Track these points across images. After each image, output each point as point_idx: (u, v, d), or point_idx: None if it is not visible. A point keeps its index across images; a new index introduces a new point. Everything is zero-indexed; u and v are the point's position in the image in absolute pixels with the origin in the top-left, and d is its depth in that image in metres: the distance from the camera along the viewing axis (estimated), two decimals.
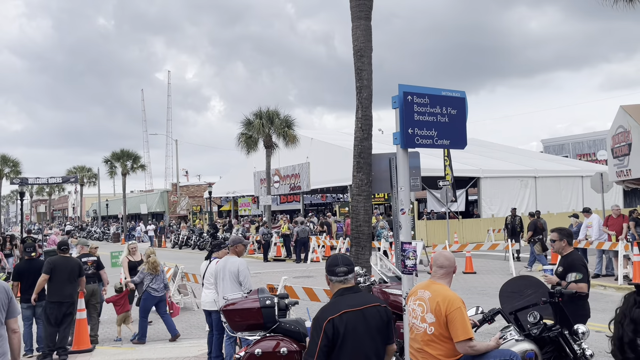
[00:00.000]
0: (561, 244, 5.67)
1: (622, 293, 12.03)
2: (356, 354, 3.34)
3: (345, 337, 3.31)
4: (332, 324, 3.32)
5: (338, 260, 3.60)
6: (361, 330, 3.36)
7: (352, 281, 3.56)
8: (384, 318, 3.47)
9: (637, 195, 35.58)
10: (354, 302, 3.44)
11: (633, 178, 13.60)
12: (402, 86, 5.12)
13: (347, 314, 3.35)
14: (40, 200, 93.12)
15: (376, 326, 3.43)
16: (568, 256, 5.66)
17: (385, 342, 3.51)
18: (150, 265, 9.34)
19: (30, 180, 40.98)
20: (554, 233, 5.75)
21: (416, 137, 5.14)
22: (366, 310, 3.42)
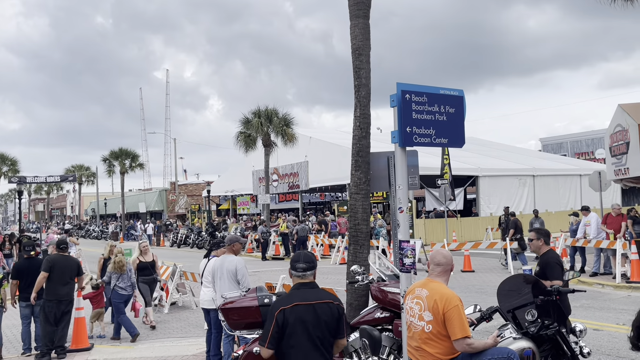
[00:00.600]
0: (538, 244, 5.72)
1: (620, 291, 12.07)
2: (303, 343, 3.66)
3: (294, 327, 3.66)
4: (283, 314, 3.68)
5: (300, 257, 3.94)
6: (310, 322, 3.68)
7: (311, 277, 3.89)
8: (334, 314, 3.76)
9: (635, 193, 35.64)
10: (307, 297, 3.77)
11: (631, 177, 13.62)
12: (400, 85, 5.12)
13: (299, 307, 3.70)
14: (39, 199, 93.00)
15: (325, 321, 3.72)
16: (544, 255, 5.69)
17: (334, 336, 3.79)
18: (116, 264, 9.41)
19: (28, 179, 40.85)
20: (532, 232, 5.82)
21: (414, 135, 5.14)
22: (317, 305, 3.74)
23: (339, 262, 19.43)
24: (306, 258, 3.93)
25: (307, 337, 3.67)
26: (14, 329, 10.50)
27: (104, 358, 8.17)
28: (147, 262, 10.34)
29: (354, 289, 6.62)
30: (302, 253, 4.01)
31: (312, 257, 4.01)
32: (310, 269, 3.89)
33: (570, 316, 5.26)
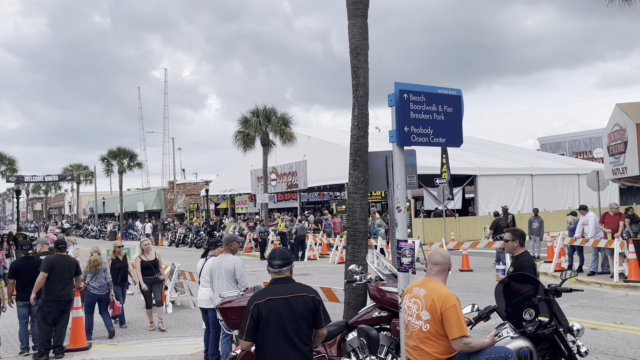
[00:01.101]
0: (513, 245, 5.71)
1: (617, 291, 12.09)
2: (278, 335, 3.87)
3: (269, 320, 3.88)
4: (257, 308, 3.90)
5: (276, 254, 4.13)
6: (285, 315, 3.88)
7: (287, 273, 4.07)
8: (309, 306, 3.95)
9: (633, 193, 35.70)
10: (281, 291, 3.97)
11: (629, 176, 13.64)
12: (398, 84, 5.12)
13: (272, 301, 3.91)
14: (37, 198, 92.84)
15: (300, 313, 3.92)
16: (519, 257, 5.69)
17: (310, 327, 3.99)
18: (91, 264, 9.45)
19: (26, 178, 40.80)
20: (508, 233, 5.84)
21: (412, 135, 5.15)
22: (292, 299, 3.93)
23: (337, 262, 19.44)
24: (281, 255, 4.12)
25: (281, 329, 3.88)
26: (11, 329, 10.49)
27: (102, 357, 8.17)
28: (149, 261, 10.03)
29: (352, 288, 6.63)
30: (277, 250, 4.21)
31: (288, 254, 4.19)
32: (286, 265, 4.07)
33: (567, 315, 5.27)
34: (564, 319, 4.90)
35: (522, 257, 5.72)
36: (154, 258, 10.17)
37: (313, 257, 21.80)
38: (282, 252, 4.17)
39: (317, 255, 22.03)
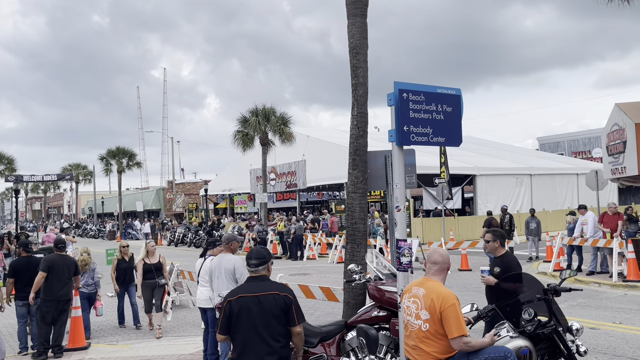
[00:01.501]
0: (494, 245, 5.78)
1: (617, 290, 12.10)
2: (249, 330, 4.08)
3: (240, 316, 4.09)
4: (229, 305, 4.14)
5: (252, 253, 4.32)
6: (255, 312, 4.07)
7: (263, 271, 4.26)
8: (280, 304, 4.11)
9: (632, 192, 35.73)
10: (253, 289, 4.17)
11: (628, 176, 13.63)
12: (398, 83, 5.12)
13: (243, 298, 4.13)
14: (36, 198, 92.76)
15: (270, 310, 4.09)
16: (504, 257, 5.77)
17: (283, 324, 4.13)
18: (80, 264, 9.37)
19: (25, 177, 40.76)
20: (488, 234, 5.88)
21: (411, 134, 5.14)
22: (262, 297, 4.11)
23: (336, 261, 19.44)
24: (257, 254, 4.31)
25: (251, 325, 4.07)
26: (10, 328, 10.48)
27: (101, 357, 8.16)
28: (151, 264, 9.64)
29: (351, 287, 6.62)
30: (254, 250, 4.39)
31: (264, 253, 4.38)
32: (262, 264, 4.26)
33: (566, 315, 5.28)
34: (563, 318, 4.90)
35: (507, 257, 5.79)
36: (157, 261, 9.82)
37: (312, 256, 21.81)
38: (259, 251, 4.35)
39: (316, 254, 22.03)
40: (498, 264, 5.83)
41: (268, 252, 4.47)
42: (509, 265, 5.78)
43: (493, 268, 5.82)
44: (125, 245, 10.59)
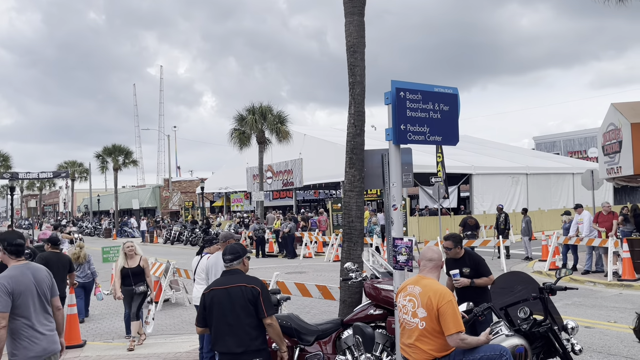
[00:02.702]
0: (456, 251, 6.00)
1: (612, 289, 12.15)
2: (220, 321, 4.32)
3: (212, 308, 4.35)
4: (204, 297, 4.43)
5: (227, 250, 4.53)
6: (225, 304, 4.31)
7: (237, 266, 4.47)
8: (247, 296, 4.30)
9: (627, 192, 35.88)
10: (224, 282, 4.40)
11: (623, 175, 13.67)
12: (395, 82, 5.12)
13: (215, 291, 4.39)
14: (31, 195, 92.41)
15: (238, 302, 4.29)
16: (470, 257, 6.00)
17: (254, 316, 4.31)
18: (72, 257, 9.77)
19: (20, 175, 40.60)
20: (448, 242, 6.05)
21: (408, 133, 5.15)
22: (230, 289, 4.33)
23: (332, 259, 19.44)
24: (231, 250, 4.53)
25: (221, 316, 4.30)
26: None
27: (97, 355, 8.15)
28: (128, 269, 8.56)
29: (347, 286, 6.63)
30: (229, 246, 4.60)
31: (238, 249, 4.57)
32: (236, 259, 4.48)
33: (562, 314, 5.30)
34: (558, 317, 4.93)
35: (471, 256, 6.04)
36: (136, 265, 8.60)
37: (308, 255, 21.81)
38: (232, 247, 4.57)
39: (312, 253, 22.03)
40: (465, 264, 5.94)
41: (242, 248, 4.64)
42: (478, 262, 5.92)
43: (462, 269, 5.91)
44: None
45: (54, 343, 4.44)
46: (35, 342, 4.29)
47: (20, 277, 4.31)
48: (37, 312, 4.36)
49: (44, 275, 4.49)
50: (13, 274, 4.32)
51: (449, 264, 6.11)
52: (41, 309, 4.39)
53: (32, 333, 4.29)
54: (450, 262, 6.13)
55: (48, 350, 4.37)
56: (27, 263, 4.48)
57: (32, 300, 4.33)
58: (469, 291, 5.82)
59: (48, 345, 4.37)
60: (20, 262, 4.43)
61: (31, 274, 4.38)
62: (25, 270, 4.39)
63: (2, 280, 4.23)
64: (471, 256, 6.07)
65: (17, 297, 4.23)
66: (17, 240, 4.44)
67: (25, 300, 4.28)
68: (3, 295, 4.16)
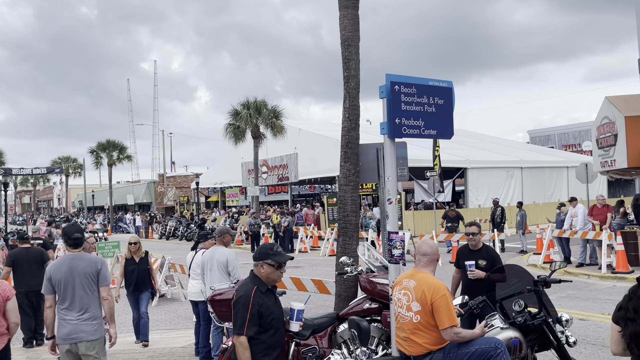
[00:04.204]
0: (479, 238, 6.04)
1: (606, 282, 12.22)
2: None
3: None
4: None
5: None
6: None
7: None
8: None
9: (621, 185, 36.06)
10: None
11: (617, 168, 13.72)
12: (390, 76, 5.10)
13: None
14: (25, 191, 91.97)
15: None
16: (487, 250, 6.03)
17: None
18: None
19: (14, 170, 40.35)
20: (473, 227, 6.05)
21: (403, 127, 5.13)
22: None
23: (328, 254, 19.47)
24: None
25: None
26: None
27: None
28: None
29: (343, 280, 6.64)
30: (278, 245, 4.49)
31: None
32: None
33: (556, 306, 5.33)
34: (552, 309, 4.95)
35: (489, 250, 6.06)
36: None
37: (304, 249, 21.83)
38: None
39: (308, 247, 22.06)
40: (482, 257, 5.91)
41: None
42: (495, 257, 5.89)
43: (477, 261, 5.88)
44: (134, 241, 8.53)
45: (81, 331, 4.62)
46: (64, 326, 4.64)
47: (61, 266, 4.72)
48: (72, 299, 4.65)
49: (86, 265, 4.74)
50: (57, 262, 4.85)
51: (465, 254, 6.08)
52: (77, 296, 4.65)
53: (60, 317, 4.67)
54: (466, 252, 6.09)
55: (72, 337, 4.60)
56: (78, 254, 4.82)
57: (68, 287, 4.65)
58: (483, 285, 5.68)
59: (71, 331, 4.61)
60: (75, 252, 4.82)
61: (73, 265, 4.71)
62: (69, 260, 4.75)
63: (47, 267, 4.86)
64: (489, 250, 6.03)
65: (55, 283, 4.68)
66: (75, 234, 4.83)
67: (60, 287, 4.66)
68: (45, 280, 4.72)
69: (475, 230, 6.00)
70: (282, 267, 4.09)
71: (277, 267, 4.04)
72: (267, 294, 4.02)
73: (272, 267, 4.02)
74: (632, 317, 2.86)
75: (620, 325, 2.92)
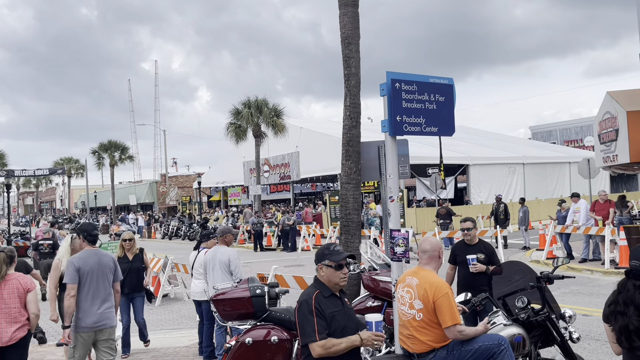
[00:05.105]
0: (475, 232, 6.11)
1: (609, 277, 12.20)
2: None
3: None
4: None
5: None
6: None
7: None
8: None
9: (624, 180, 35.98)
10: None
11: (619, 163, 13.68)
12: (390, 73, 5.09)
13: None
14: (28, 193, 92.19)
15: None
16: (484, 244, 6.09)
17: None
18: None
19: (16, 172, 40.39)
20: (467, 222, 6.14)
21: (404, 124, 5.12)
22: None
23: None
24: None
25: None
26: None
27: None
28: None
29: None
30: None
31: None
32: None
33: (559, 302, 5.33)
34: (556, 305, 4.94)
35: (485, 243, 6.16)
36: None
37: (307, 247, 21.83)
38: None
39: (310, 246, 22.06)
40: (480, 251, 5.96)
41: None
42: (492, 251, 5.96)
43: (477, 256, 5.93)
44: (129, 238, 7.86)
45: (106, 319, 5.22)
46: (88, 316, 5.11)
47: (87, 259, 5.19)
48: (96, 290, 5.17)
49: (108, 260, 5.34)
50: (83, 255, 5.24)
51: (462, 249, 6.11)
52: (101, 288, 5.20)
53: (87, 307, 5.12)
54: (463, 248, 6.12)
55: (99, 324, 5.16)
56: (97, 249, 5.36)
57: (94, 279, 5.15)
58: (483, 279, 5.74)
59: (99, 319, 5.16)
60: (93, 248, 5.33)
61: (98, 259, 5.26)
62: (94, 255, 5.27)
63: (73, 259, 5.20)
64: (485, 244, 6.13)
65: (82, 275, 5.11)
66: (94, 231, 5.37)
67: (87, 279, 5.13)
68: (72, 270, 5.09)
69: (469, 225, 6.08)
70: (343, 268, 3.62)
71: (336, 268, 3.61)
72: (332, 300, 3.64)
73: (331, 268, 3.63)
74: (622, 310, 2.85)
75: (611, 320, 2.92)
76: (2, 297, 4.82)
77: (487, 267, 5.84)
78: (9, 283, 4.89)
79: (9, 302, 4.83)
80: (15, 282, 4.90)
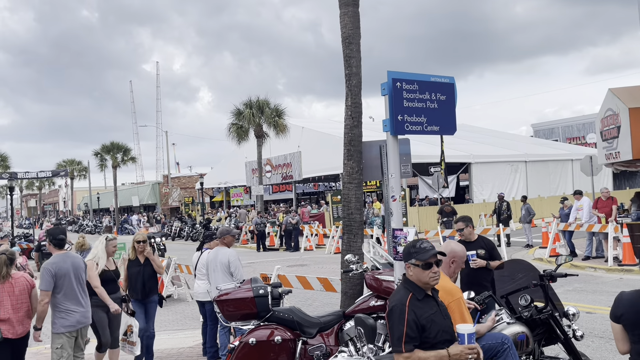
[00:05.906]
0: (469, 230, 6.10)
1: (612, 275, 12.19)
2: None
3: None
4: None
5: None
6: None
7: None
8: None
9: (627, 177, 35.90)
10: None
11: (622, 160, 13.65)
12: (391, 73, 5.10)
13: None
14: (31, 195, 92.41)
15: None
16: (484, 240, 6.11)
17: None
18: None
19: (19, 174, 40.50)
20: (459, 223, 6.13)
21: (406, 123, 5.13)
22: None
23: (333, 252, 19.47)
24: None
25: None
26: None
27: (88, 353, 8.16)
28: (111, 271, 6.70)
29: (348, 277, 6.64)
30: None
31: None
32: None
33: (563, 300, 5.32)
34: (559, 303, 4.94)
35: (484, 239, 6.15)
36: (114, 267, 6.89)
37: (309, 247, 21.85)
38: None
39: (313, 245, 22.08)
40: (480, 246, 5.98)
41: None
42: (492, 246, 5.98)
43: (477, 250, 5.96)
44: (142, 240, 7.23)
45: (86, 318, 5.55)
46: (70, 315, 5.38)
47: (61, 263, 5.39)
48: (74, 291, 5.41)
49: (79, 262, 5.61)
50: (56, 260, 5.41)
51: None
52: (77, 289, 5.45)
53: (68, 307, 5.37)
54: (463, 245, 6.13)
55: (81, 322, 5.47)
56: (67, 252, 5.57)
57: (69, 282, 5.38)
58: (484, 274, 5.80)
59: (81, 318, 5.46)
60: (61, 252, 5.53)
61: (70, 261, 5.47)
62: (66, 258, 5.49)
63: (47, 266, 5.35)
64: (485, 239, 6.16)
65: (58, 279, 5.31)
66: (60, 235, 5.55)
67: (64, 282, 5.34)
68: (48, 277, 5.26)
69: (461, 226, 6.16)
70: (432, 267, 3.35)
71: (424, 267, 3.33)
72: (426, 302, 3.38)
73: (419, 268, 3.35)
74: None
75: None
76: (14, 294, 5.28)
77: (488, 262, 5.87)
78: (18, 281, 5.34)
79: (21, 298, 5.32)
80: (23, 280, 5.39)
